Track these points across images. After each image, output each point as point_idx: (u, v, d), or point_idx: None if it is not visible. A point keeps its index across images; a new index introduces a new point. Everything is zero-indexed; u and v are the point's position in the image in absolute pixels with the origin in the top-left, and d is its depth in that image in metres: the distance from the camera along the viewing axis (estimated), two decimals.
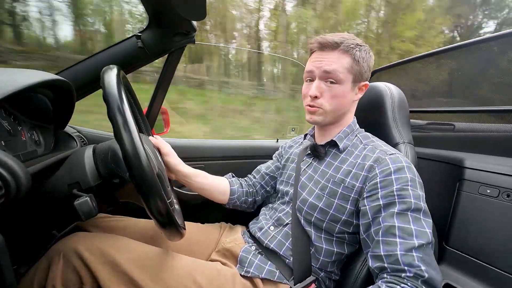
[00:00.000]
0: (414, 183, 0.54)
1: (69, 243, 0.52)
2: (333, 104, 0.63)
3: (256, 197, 0.88)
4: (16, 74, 0.46)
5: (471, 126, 0.95)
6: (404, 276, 0.46)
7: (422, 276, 0.45)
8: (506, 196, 0.62)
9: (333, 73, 0.60)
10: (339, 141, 0.67)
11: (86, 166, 0.50)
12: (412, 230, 0.49)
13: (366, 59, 0.63)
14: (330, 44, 0.61)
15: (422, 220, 0.51)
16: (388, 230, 0.51)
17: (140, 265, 0.53)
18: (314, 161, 0.72)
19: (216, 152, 1.18)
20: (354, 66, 0.61)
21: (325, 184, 0.64)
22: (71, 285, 0.50)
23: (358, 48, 0.62)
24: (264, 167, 0.90)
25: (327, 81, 0.62)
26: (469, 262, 0.64)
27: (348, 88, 0.63)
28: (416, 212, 0.51)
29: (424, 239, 0.48)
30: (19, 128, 0.55)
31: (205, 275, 0.57)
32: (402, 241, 0.48)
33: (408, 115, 0.77)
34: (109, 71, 0.44)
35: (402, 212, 0.51)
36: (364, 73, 0.64)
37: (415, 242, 0.47)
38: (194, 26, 0.80)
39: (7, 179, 0.34)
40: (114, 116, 0.38)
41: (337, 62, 0.61)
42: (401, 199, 0.52)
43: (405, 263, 0.46)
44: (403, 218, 0.51)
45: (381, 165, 0.57)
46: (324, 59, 0.62)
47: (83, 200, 0.43)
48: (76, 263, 0.50)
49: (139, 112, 0.76)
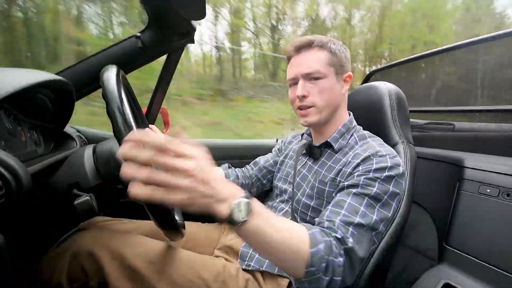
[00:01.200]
0: (389, 179, 0.55)
1: (79, 241, 0.53)
2: (324, 99, 0.64)
3: (251, 189, 0.88)
4: (16, 74, 0.46)
5: (471, 125, 0.95)
6: (333, 235, 0.48)
7: (346, 244, 0.47)
8: (506, 195, 0.62)
9: (314, 71, 0.62)
10: (334, 142, 0.67)
11: (86, 166, 0.50)
12: (359, 210, 0.51)
13: (342, 51, 0.65)
14: (304, 44, 0.64)
15: (376, 208, 0.52)
16: (338, 202, 0.53)
17: (146, 260, 0.53)
18: (309, 161, 0.72)
19: (216, 152, 1.18)
20: (332, 59, 0.63)
21: (314, 184, 0.65)
22: (77, 281, 0.50)
23: (332, 42, 0.64)
24: (263, 160, 0.91)
25: (311, 80, 0.63)
26: (469, 261, 0.64)
27: (332, 81, 0.64)
28: (373, 200, 0.53)
29: (366, 221, 0.50)
30: (19, 128, 0.55)
31: (211, 271, 0.58)
32: (345, 213, 0.51)
33: (407, 114, 0.77)
34: (108, 71, 0.44)
35: (359, 194, 0.53)
36: (344, 64, 0.66)
37: (356, 219, 0.50)
38: (194, 26, 0.80)
39: (8, 179, 0.34)
40: (114, 116, 0.38)
41: (315, 60, 0.63)
42: (365, 185, 0.54)
43: (340, 230, 0.48)
44: (357, 199, 0.53)
45: (366, 163, 0.57)
46: (302, 61, 0.64)
47: (83, 199, 0.43)
48: (85, 260, 0.51)
49: (139, 112, 0.76)
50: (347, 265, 0.47)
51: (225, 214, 0.35)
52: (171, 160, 0.31)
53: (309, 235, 0.45)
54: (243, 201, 0.37)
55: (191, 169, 0.32)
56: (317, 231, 0.47)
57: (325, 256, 0.44)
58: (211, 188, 0.34)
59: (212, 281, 0.55)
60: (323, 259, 0.44)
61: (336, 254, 0.46)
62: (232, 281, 0.58)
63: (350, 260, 0.47)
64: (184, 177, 0.32)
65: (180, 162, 0.32)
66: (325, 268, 0.44)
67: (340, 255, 0.46)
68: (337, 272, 0.45)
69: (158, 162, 0.30)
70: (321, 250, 0.44)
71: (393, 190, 0.54)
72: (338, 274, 0.46)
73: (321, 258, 0.44)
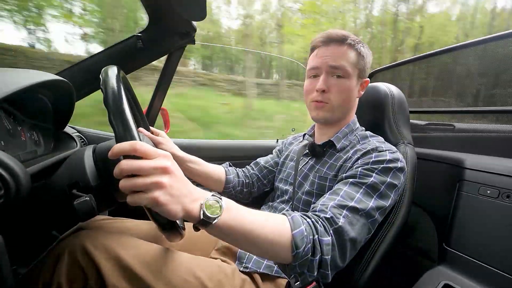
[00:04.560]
0: (386, 170, 0.54)
1: (75, 240, 0.53)
2: (341, 99, 0.63)
3: (252, 189, 0.88)
4: (16, 74, 0.46)
5: (471, 126, 0.95)
6: (322, 216, 0.47)
7: (336, 223, 0.46)
8: (506, 197, 0.62)
9: (340, 67, 0.61)
10: (337, 141, 0.67)
11: (86, 166, 0.50)
12: (355, 196, 0.51)
13: (368, 56, 0.64)
14: (336, 38, 0.62)
15: (373, 197, 0.52)
16: (335, 191, 0.53)
17: (143, 261, 0.53)
18: (311, 161, 0.72)
19: (216, 152, 1.18)
20: (359, 61, 0.62)
21: (314, 180, 0.65)
22: (76, 281, 0.50)
23: (362, 44, 0.63)
24: (263, 160, 0.91)
25: (334, 75, 0.62)
26: (469, 263, 0.64)
27: (354, 83, 0.63)
28: (370, 189, 0.52)
29: (360, 206, 0.49)
30: (19, 128, 0.55)
31: (206, 271, 0.57)
32: (340, 199, 0.50)
33: (408, 115, 0.77)
34: (108, 71, 0.44)
35: (356, 183, 0.53)
36: (367, 69, 0.65)
37: (350, 203, 0.49)
38: (194, 26, 0.80)
39: (7, 180, 0.34)
40: (114, 117, 0.38)
41: (344, 57, 0.61)
42: (362, 176, 0.54)
43: (331, 211, 0.48)
44: (354, 188, 0.52)
45: (365, 157, 0.58)
46: (330, 54, 0.62)
47: (82, 200, 0.43)
48: (81, 259, 0.50)
49: (139, 112, 0.76)
50: (337, 244, 0.46)
51: (198, 212, 0.37)
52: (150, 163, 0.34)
53: (289, 219, 0.45)
54: (214, 198, 0.38)
55: (168, 166, 0.34)
56: (297, 214, 0.47)
57: (309, 235, 0.44)
58: (185, 186, 0.36)
59: (207, 280, 0.55)
60: (308, 239, 0.44)
61: (323, 233, 0.45)
62: (227, 281, 0.58)
63: (340, 239, 0.47)
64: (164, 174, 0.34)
65: (157, 162, 0.34)
66: (312, 248, 0.44)
67: (328, 234, 0.46)
68: (325, 251, 0.45)
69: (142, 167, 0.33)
70: (304, 230, 0.44)
71: (391, 181, 0.54)
72: (326, 252, 0.45)
73: (305, 238, 0.43)
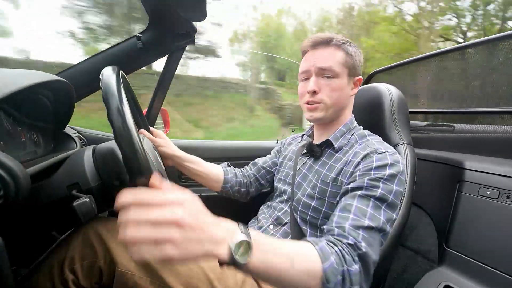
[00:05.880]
0: (392, 178, 0.55)
1: (90, 223, 0.55)
2: (333, 98, 0.65)
3: (249, 189, 0.88)
4: (16, 74, 0.46)
5: (471, 127, 0.95)
6: (345, 242, 0.47)
7: (360, 249, 0.46)
8: (506, 197, 0.62)
9: (329, 68, 0.63)
10: (335, 140, 0.68)
11: (86, 167, 0.50)
12: (366, 212, 0.51)
13: (357, 54, 0.66)
14: (322, 41, 0.65)
15: (382, 209, 0.52)
16: (345, 207, 0.53)
17: None
18: (309, 161, 0.73)
19: (216, 153, 1.18)
20: (348, 60, 0.64)
21: (316, 183, 0.66)
22: (87, 258, 0.52)
23: (349, 44, 0.65)
24: (261, 160, 0.91)
25: (324, 77, 0.64)
26: (469, 263, 0.64)
27: (345, 82, 0.65)
28: (379, 201, 0.53)
29: (375, 223, 0.50)
30: (18, 128, 0.55)
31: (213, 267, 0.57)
32: (354, 217, 0.50)
33: (407, 116, 0.77)
34: (108, 72, 0.43)
35: (364, 196, 0.53)
36: (357, 67, 0.67)
37: (365, 222, 0.49)
38: (195, 26, 0.80)
39: (6, 180, 0.34)
40: (114, 118, 0.38)
41: (331, 58, 0.63)
42: (369, 187, 0.54)
43: (350, 235, 0.48)
44: (363, 201, 0.53)
45: (366, 161, 0.58)
46: (318, 56, 0.64)
47: (82, 201, 0.43)
48: (93, 239, 0.53)
49: (139, 113, 0.76)
50: (363, 271, 0.46)
51: (226, 256, 0.33)
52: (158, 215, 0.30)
53: (318, 250, 0.43)
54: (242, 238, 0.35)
55: (179, 218, 0.30)
56: (324, 243, 0.46)
57: (339, 267, 0.43)
58: (203, 232, 0.32)
59: (209, 271, 0.56)
60: (338, 271, 0.42)
61: (351, 262, 0.45)
62: (230, 272, 0.58)
63: (365, 265, 0.46)
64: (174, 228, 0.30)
65: (167, 213, 0.30)
66: (341, 280, 0.43)
67: (354, 262, 0.45)
68: (354, 281, 0.44)
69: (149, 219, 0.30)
70: (334, 262, 0.42)
71: (397, 189, 0.55)
72: (355, 282, 0.44)
73: (335, 270, 0.42)
